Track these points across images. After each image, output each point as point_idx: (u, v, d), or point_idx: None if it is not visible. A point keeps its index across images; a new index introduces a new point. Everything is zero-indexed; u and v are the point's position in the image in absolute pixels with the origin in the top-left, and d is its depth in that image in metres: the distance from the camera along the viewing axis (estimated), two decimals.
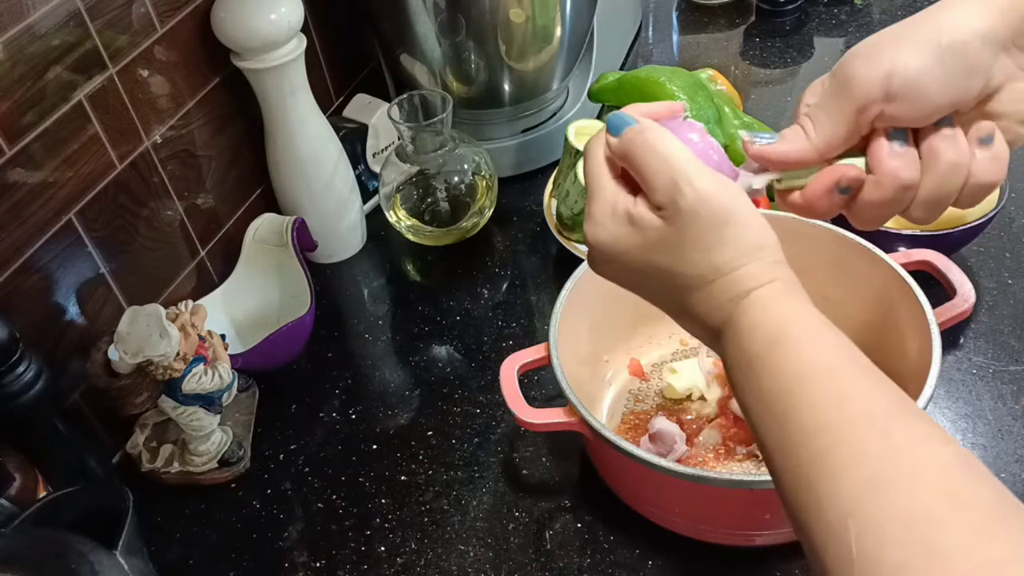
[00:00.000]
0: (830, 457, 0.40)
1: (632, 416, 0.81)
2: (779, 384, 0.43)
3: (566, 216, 0.94)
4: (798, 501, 0.41)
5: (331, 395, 0.89)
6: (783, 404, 0.43)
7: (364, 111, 1.07)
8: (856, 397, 0.42)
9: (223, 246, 0.97)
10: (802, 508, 0.40)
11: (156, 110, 0.85)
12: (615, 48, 1.23)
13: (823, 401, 0.42)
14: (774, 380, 0.44)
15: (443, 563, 0.73)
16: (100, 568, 0.56)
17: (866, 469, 0.38)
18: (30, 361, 0.68)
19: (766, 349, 0.45)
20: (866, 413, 0.41)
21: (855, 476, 0.38)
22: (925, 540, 0.35)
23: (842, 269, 0.77)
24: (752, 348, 0.45)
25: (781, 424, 0.43)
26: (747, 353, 0.46)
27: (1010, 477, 0.72)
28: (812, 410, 0.42)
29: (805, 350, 0.44)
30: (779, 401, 0.43)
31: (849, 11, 1.32)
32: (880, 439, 0.40)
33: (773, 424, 0.43)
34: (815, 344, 0.44)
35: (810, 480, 0.40)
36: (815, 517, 0.39)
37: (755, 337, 0.46)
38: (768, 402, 0.44)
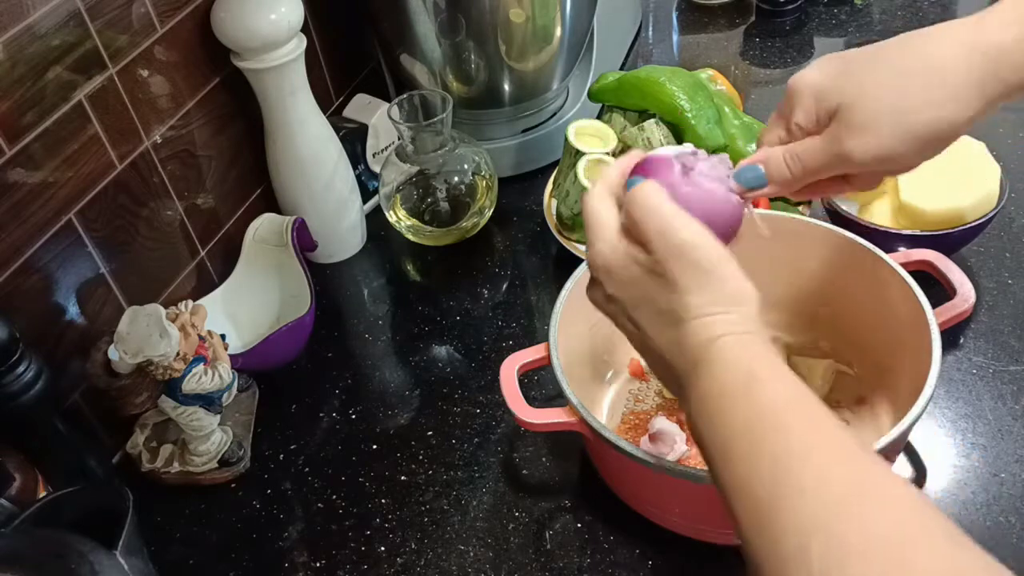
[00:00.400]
0: (797, 480, 0.41)
1: (632, 416, 0.81)
2: (749, 417, 0.45)
3: (566, 216, 0.94)
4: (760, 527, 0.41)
5: (331, 395, 0.89)
6: (750, 436, 0.44)
7: (364, 111, 1.07)
8: (821, 431, 0.43)
9: (223, 246, 0.97)
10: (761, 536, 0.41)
11: (156, 110, 0.85)
12: (615, 48, 1.23)
13: (790, 431, 0.43)
14: (745, 414, 0.45)
15: (443, 563, 0.73)
16: (100, 568, 0.56)
17: (833, 491, 0.40)
18: (30, 361, 0.68)
19: (743, 384, 0.46)
20: (831, 444, 0.43)
21: (822, 497, 0.40)
22: (889, 555, 0.36)
23: (842, 269, 0.77)
24: (726, 384, 0.47)
25: (746, 455, 0.44)
26: (720, 389, 0.47)
27: (1010, 477, 0.72)
28: (779, 439, 0.43)
29: (777, 388, 0.46)
30: (747, 432, 0.44)
31: (849, 11, 1.32)
32: (845, 465, 0.41)
33: (740, 455, 0.44)
34: (784, 385, 0.46)
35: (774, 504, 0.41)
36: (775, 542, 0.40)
37: (729, 375, 0.47)
38: (736, 435, 0.45)
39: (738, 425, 0.45)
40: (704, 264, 0.50)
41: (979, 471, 0.73)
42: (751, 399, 0.45)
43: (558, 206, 0.95)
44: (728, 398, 0.47)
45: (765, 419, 0.44)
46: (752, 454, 0.43)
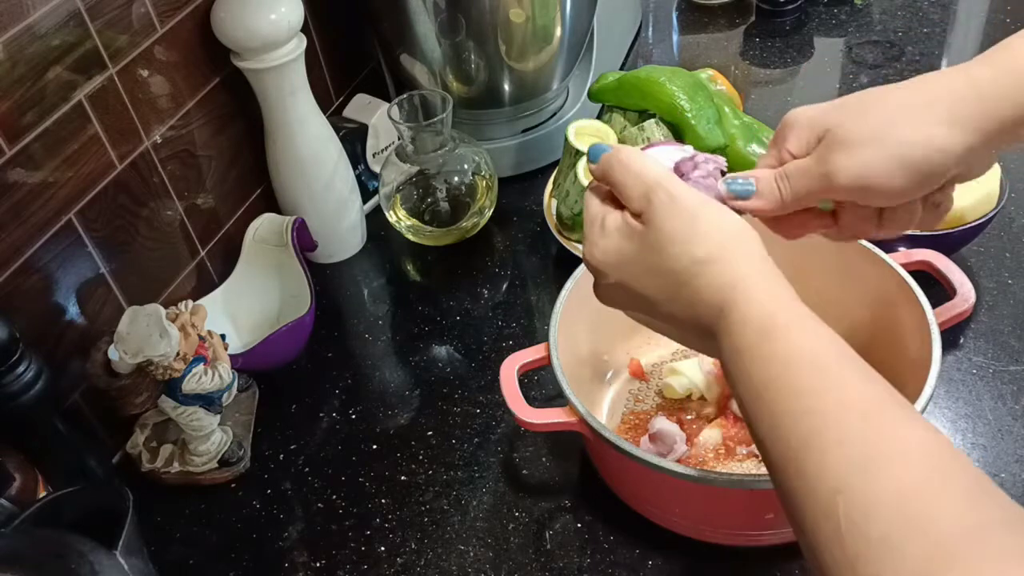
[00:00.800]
0: (817, 439, 0.42)
1: (632, 416, 0.81)
2: (768, 372, 0.46)
3: (566, 216, 0.94)
4: (790, 487, 0.43)
5: (331, 395, 0.89)
6: (772, 391, 0.45)
7: (364, 111, 1.07)
8: (842, 383, 0.44)
9: (223, 246, 0.97)
10: (793, 493, 0.42)
11: (156, 110, 0.85)
12: (615, 48, 1.23)
13: (810, 387, 0.44)
14: (763, 369, 0.46)
15: (443, 563, 0.73)
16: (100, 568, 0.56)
17: (853, 449, 0.41)
18: (30, 361, 0.68)
19: (755, 341, 0.47)
20: (852, 397, 0.43)
21: (842, 456, 0.41)
22: (910, 511, 0.38)
23: (842, 269, 0.77)
24: (743, 341, 0.48)
25: (771, 411, 0.45)
26: (738, 346, 0.48)
27: (1010, 477, 0.72)
28: (799, 395, 0.44)
29: (793, 340, 0.46)
30: (768, 388, 0.45)
31: (849, 11, 1.32)
32: (866, 421, 0.42)
33: (764, 413, 0.45)
34: (802, 334, 0.47)
35: (799, 463, 0.42)
36: (805, 498, 0.41)
37: (745, 331, 0.48)
38: (759, 391, 0.46)
39: (759, 382, 0.46)
40: (688, 207, 0.51)
41: None
42: (770, 351, 0.46)
43: (558, 206, 0.95)
44: (748, 352, 0.47)
45: (785, 374, 0.45)
46: (775, 411, 0.44)
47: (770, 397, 0.45)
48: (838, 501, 0.39)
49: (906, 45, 1.23)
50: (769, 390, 0.45)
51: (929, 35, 1.25)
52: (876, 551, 0.37)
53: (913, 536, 0.37)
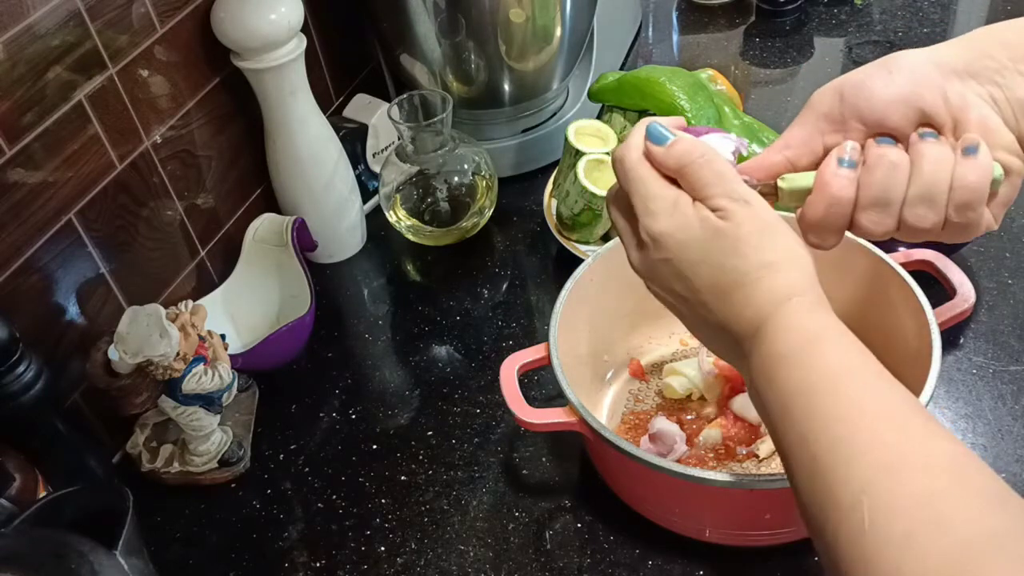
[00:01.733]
0: (846, 445, 0.43)
1: (632, 416, 0.81)
2: (807, 378, 0.47)
3: (566, 216, 0.94)
4: (813, 488, 0.44)
5: (331, 395, 0.89)
6: (807, 397, 0.47)
7: (364, 111, 1.07)
8: (877, 394, 0.46)
9: (223, 246, 0.97)
10: (817, 494, 0.44)
11: (156, 110, 0.85)
12: (615, 48, 1.23)
13: (845, 396, 0.46)
14: (803, 375, 0.47)
15: (443, 563, 0.73)
16: (100, 568, 0.56)
17: (881, 454, 0.42)
18: (30, 361, 0.68)
19: (801, 347, 0.49)
20: (885, 408, 0.45)
21: (870, 460, 0.42)
22: (933, 512, 0.39)
23: (842, 269, 0.77)
24: (788, 345, 0.49)
25: (802, 416, 0.46)
26: (781, 350, 0.49)
27: (1010, 477, 0.72)
28: (837, 403, 0.46)
29: (837, 351, 0.48)
30: (804, 394, 0.47)
31: (849, 11, 1.32)
32: (896, 430, 0.43)
33: (794, 417, 0.47)
34: (845, 348, 0.49)
35: (827, 468, 0.43)
36: (829, 501, 0.43)
37: (791, 336, 0.49)
38: (795, 395, 0.47)
39: (796, 386, 0.47)
40: (766, 218, 0.52)
41: None
42: (812, 361, 0.48)
43: (558, 206, 0.95)
44: (790, 359, 0.48)
45: (823, 382, 0.47)
46: (809, 416, 0.46)
47: (804, 402, 0.46)
48: (863, 500, 0.41)
49: (906, 45, 1.23)
50: (804, 396, 0.47)
51: (929, 35, 1.25)
52: (898, 548, 0.39)
53: (936, 536, 0.38)
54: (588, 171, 0.90)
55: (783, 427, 0.48)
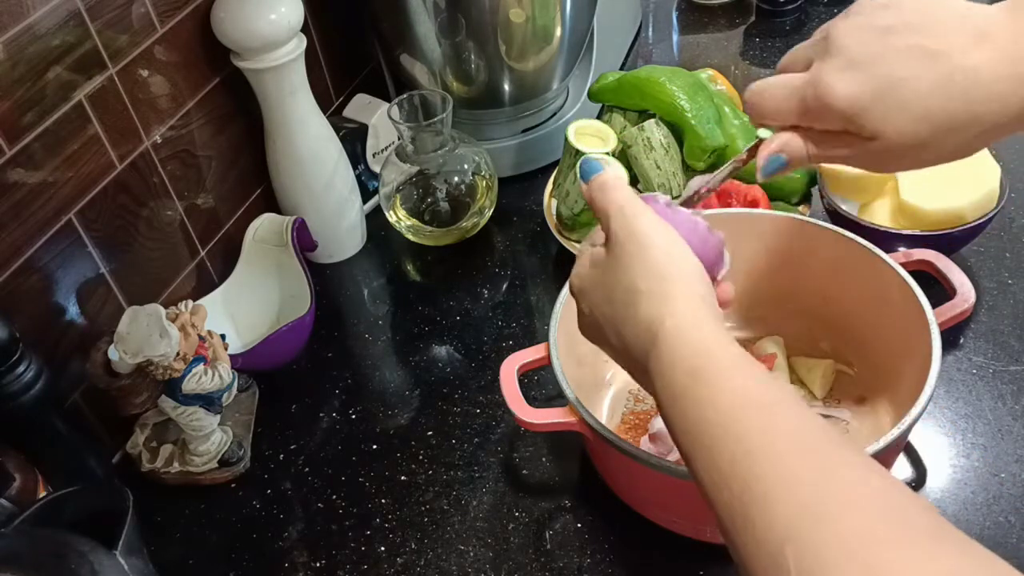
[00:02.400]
0: (761, 484, 0.39)
1: (632, 416, 0.81)
2: (704, 415, 0.44)
3: (566, 216, 0.94)
4: (736, 533, 0.40)
5: (331, 395, 0.89)
6: (709, 436, 0.43)
7: (364, 111, 1.07)
8: (782, 424, 0.42)
9: (223, 246, 0.97)
10: (740, 541, 0.40)
11: (156, 110, 0.85)
12: (615, 48, 1.23)
13: (749, 430, 0.42)
14: (698, 412, 0.44)
15: (443, 563, 0.73)
16: (100, 568, 0.56)
17: (800, 494, 0.38)
18: (30, 361, 0.68)
19: (687, 382, 0.45)
20: (794, 440, 0.41)
21: (789, 501, 0.38)
22: (866, 561, 0.35)
23: (842, 269, 0.77)
24: (674, 381, 0.46)
25: (709, 455, 0.43)
26: (671, 387, 0.46)
27: (1010, 477, 0.72)
28: (739, 440, 0.42)
29: (726, 381, 0.44)
30: (706, 432, 0.43)
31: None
32: (811, 465, 0.39)
33: (702, 456, 0.43)
34: (735, 376, 0.45)
35: (745, 509, 0.39)
36: (753, 548, 0.39)
37: (676, 371, 0.46)
38: (695, 434, 0.44)
39: (694, 426, 0.44)
40: (642, 236, 0.50)
41: (979, 471, 0.73)
42: (704, 397, 0.44)
43: (558, 206, 0.95)
44: (681, 397, 0.45)
45: (721, 418, 0.43)
46: (716, 457, 0.42)
47: (707, 443, 0.43)
48: (787, 552, 0.36)
49: None
50: (706, 435, 0.43)
51: None
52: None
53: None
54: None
55: (695, 468, 0.44)
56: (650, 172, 0.92)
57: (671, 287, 0.49)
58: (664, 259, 0.50)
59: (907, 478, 0.74)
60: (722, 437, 0.42)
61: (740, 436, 0.42)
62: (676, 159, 0.93)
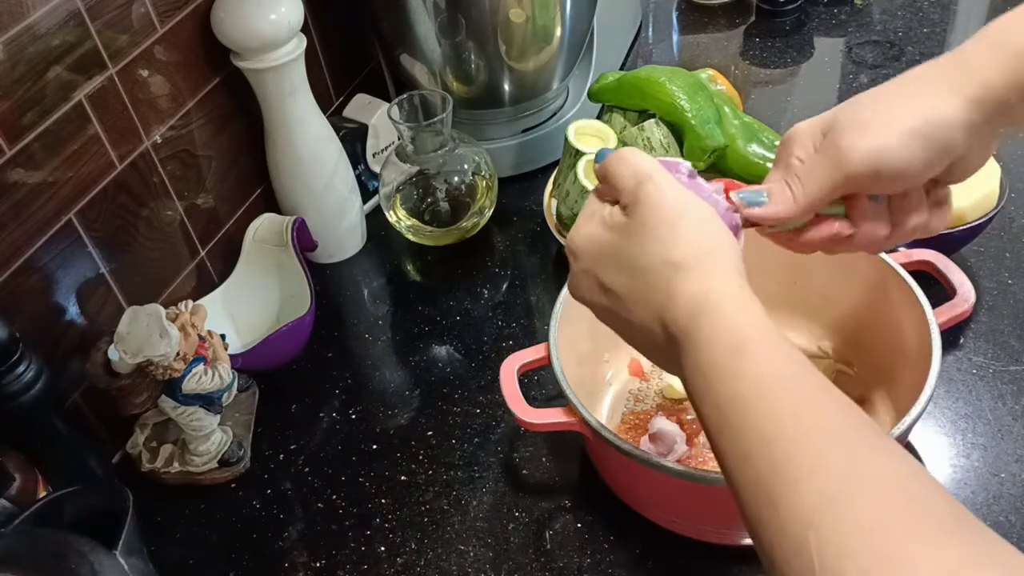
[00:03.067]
0: (789, 467, 0.40)
1: (632, 416, 0.81)
2: (738, 391, 0.44)
3: (566, 216, 0.94)
4: (759, 516, 0.41)
5: (331, 395, 0.89)
6: (742, 412, 0.43)
7: (364, 111, 1.07)
8: (814, 408, 0.42)
9: (223, 246, 0.97)
10: (763, 523, 0.40)
11: (156, 110, 0.85)
12: (615, 48, 1.23)
13: (782, 410, 0.42)
14: (733, 387, 0.44)
15: (443, 563, 0.74)
16: (100, 568, 0.56)
17: (825, 480, 0.39)
18: (30, 361, 0.68)
19: (725, 357, 0.45)
20: (824, 423, 0.41)
21: (814, 487, 0.39)
22: (884, 549, 0.36)
23: (842, 269, 0.77)
24: (711, 356, 0.46)
25: (739, 432, 0.43)
26: (706, 361, 0.46)
27: (1010, 477, 0.72)
28: (770, 418, 0.42)
29: (764, 359, 0.44)
30: (737, 409, 0.43)
31: (849, 11, 1.32)
32: (838, 450, 0.40)
33: (731, 433, 0.43)
34: (774, 354, 0.45)
35: (770, 492, 0.40)
36: (777, 532, 0.39)
37: (714, 345, 0.46)
38: (726, 410, 0.44)
39: (727, 400, 0.44)
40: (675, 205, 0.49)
41: (979, 471, 0.73)
42: (739, 369, 0.44)
43: (558, 206, 0.95)
44: (716, 371, 0.45)
45: (754, 394, 0.43)
46: (746, 435, 0.42)
47: (738, 420, 0.43)
48: (809, 537, 0.37)
49: (906, 45, 1.23)
50: (738, 411, 0.43)
51: (929, 35, 1.25)
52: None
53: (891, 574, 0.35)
54: (588, 171, 0.90)
55: (722, 445, 0.44)
56: None
57: (712, 260, 0.48)
58: (698, 229, 0.49)
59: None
60: (753, 415, 0.42)
61: (771, 415, 0.42)
62: None
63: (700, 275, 0.48)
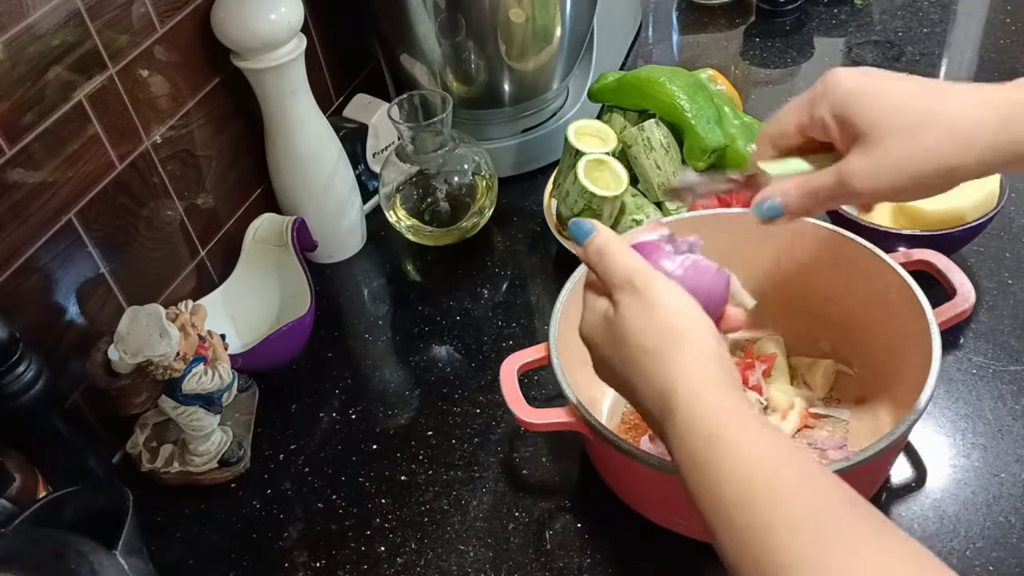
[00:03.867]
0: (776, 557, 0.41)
1: (632, 416, 0.81)
2: (720, 479, 0.45)
3: (566, 216, 0.93)
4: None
5: (331, 395, 0.89)
6: (728, 500, 0.44)
7: (364, 111, 1.07)
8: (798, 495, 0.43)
9: (223, 246, 0.97)
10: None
11: (156, 110, 0.85)
12: (615, 48, 1.23)
13: (765, 498, 0.43)
14: (715, 475, 0.45)
15: (443, 563, 0.74)
16: (100, 568, 0.56)
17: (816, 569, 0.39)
18: (30, 361, 0.68)
19: (703, 446, 0.47)
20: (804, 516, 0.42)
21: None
22: None
23: (842, 269, 0.77)
24: (691, 445, 0.47)
25: (729, 519, 0.44)
26: (687, 449, 0.48)
27: (1010, 477, 0.72)
28: (751, 510, 0.43)
29: (740, 448, 0.45)
30: (725, 496, 0.44)
31: (849, 11, 1.32)
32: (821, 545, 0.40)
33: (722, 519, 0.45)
34: (748, 442, 0.46)
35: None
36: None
37: (691, 435, 0.48)
38: (713, 497, 0.45)
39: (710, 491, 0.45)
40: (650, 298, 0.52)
41: (979, 471, 0.73)
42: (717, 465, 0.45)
43: (558, 206, 0.95)
44: (696, 463, 0.47)
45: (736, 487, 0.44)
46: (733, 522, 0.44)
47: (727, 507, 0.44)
48: None
49: (906, 45, 1.23)
50: (724, 498, 0.44)
51: (929, 35, 1.25)
52: None
53: None
54: (588, 171, 0.90)
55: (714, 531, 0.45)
56: (650, 172, 0.92)
57: (678, 348, 0.50)
58: (671, 317, 0.51)
59: (907, 478, 0.74)
60: (739, 505, 0.44)
61: (756, 505, 0.43)
62: (676, 159, 0.93)
63: (668, 363, 0.50)
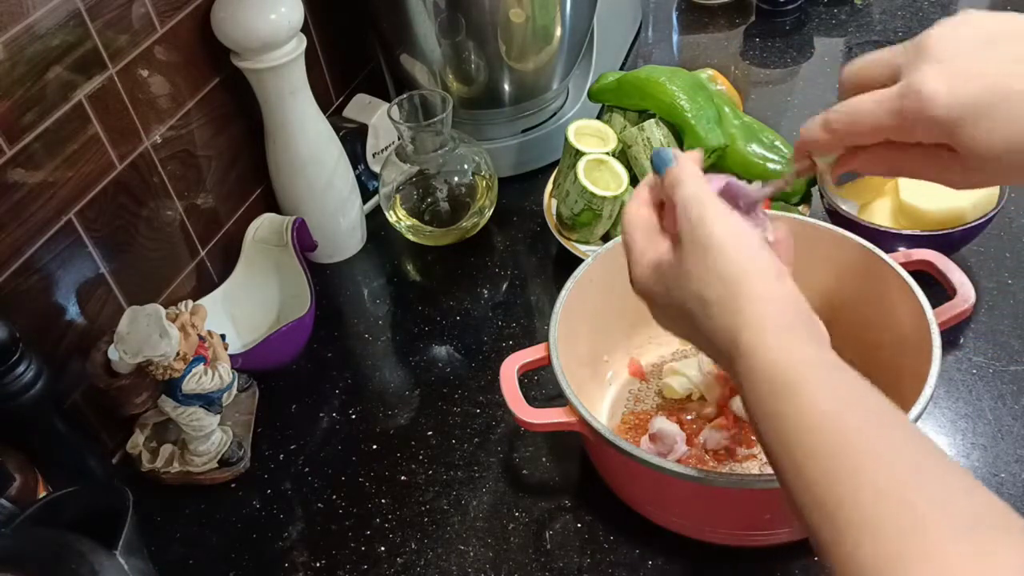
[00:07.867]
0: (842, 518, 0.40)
1: (632, 416, 0.81)
2: (789, 428, 0.44)
3: (566, 216, 0.94)
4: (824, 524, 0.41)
5: (331, 395, 0.89)
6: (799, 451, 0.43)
7: (364, 111, 1.07)
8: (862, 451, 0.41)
9: (223, 246, 0.97)
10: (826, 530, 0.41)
11: (156, 110, 0.85)
12: (615, 48, 1.23)
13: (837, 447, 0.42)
14: (785, 425, 0.44)
15: (443, 563, 0.73)
16: (100, 568, 0.56)
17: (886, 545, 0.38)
18: (30, 361, 0.68)
19: (765, 396, 0.46)
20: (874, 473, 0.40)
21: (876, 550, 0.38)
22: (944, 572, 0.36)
23: (842, 269, 0.77)
24: (758, 393, 0.46)
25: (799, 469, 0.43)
26: (754, 396, 0.47)
27: (1010, 477, 0.72)
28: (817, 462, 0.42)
29: (807, 399, 0.44)
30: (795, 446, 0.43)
31: (849, 11, 1.32)
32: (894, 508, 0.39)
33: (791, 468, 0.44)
34: (817, 391, 0.44)
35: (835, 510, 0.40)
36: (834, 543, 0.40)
37: (755, 385, 0.47)
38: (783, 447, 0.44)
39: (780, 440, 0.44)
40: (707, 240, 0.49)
41: (979, 471, 0.73)
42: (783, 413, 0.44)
43: (558, 206, 0.95)
44: (760, 408, 0.46)
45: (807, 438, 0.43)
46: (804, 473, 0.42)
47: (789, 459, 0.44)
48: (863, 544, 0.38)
49: None
50: (794, 449, 0.43)
51: None
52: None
53: None
54: (588, 171, 0.90)
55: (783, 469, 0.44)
56: None
57: (739, 295, 0.48)
58: (726, 262, 0.49)
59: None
60: (802, 458, 0.43)
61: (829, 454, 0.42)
62: None
63: (729, 311, 0.48)
